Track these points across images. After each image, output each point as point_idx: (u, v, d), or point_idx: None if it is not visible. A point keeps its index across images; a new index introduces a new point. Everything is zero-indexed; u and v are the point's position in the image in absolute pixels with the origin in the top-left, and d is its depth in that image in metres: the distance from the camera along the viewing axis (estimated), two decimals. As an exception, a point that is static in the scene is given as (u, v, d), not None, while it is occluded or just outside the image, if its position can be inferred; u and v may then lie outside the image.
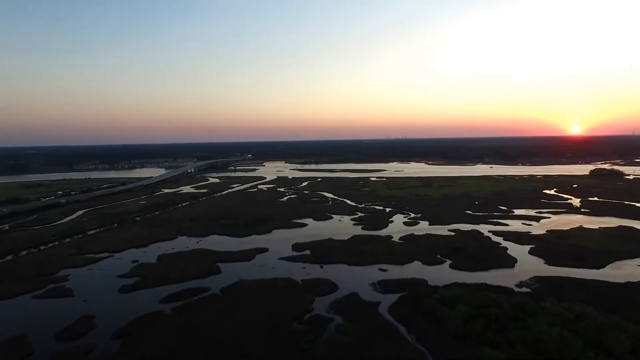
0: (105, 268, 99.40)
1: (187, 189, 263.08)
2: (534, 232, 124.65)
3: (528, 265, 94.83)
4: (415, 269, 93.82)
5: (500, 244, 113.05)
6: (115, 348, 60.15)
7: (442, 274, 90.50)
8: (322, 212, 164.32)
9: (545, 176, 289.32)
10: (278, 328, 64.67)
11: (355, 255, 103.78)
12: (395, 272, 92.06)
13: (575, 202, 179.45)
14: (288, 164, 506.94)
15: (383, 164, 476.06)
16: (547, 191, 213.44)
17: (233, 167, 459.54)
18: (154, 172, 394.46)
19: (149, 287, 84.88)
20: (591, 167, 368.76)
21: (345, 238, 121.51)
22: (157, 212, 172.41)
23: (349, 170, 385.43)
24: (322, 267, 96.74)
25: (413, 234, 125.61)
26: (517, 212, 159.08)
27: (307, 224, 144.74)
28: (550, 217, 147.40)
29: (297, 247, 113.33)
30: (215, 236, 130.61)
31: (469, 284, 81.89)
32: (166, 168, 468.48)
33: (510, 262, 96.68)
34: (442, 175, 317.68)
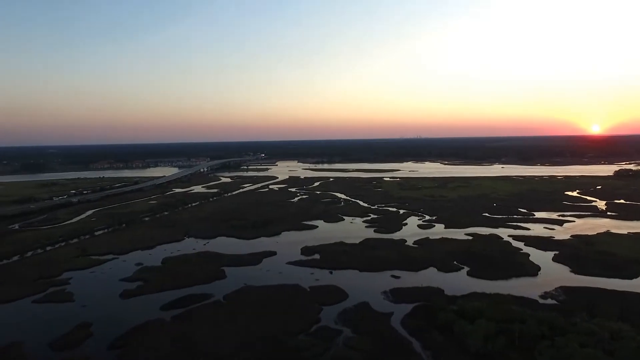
0: (109, 271, 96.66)
1: (198, 188, 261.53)
2: (558, 237, 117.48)
3: (553, 273, 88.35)
4: (430, 276, 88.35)
5: (522, 249, 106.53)
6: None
7: (460, 282, 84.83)
8: (334, 214, 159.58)
9: (566, 177, 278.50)
10: (282, 342, 60.24)
11: (367, 260, 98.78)
12: (409, 279, 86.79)
13: (601, 204, 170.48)
14: (300, 164, 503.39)
15: (397, 163, 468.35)
16: (569, 193, 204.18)
17: (245, 167, 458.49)
18: (167, 172, 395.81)
19: (150, 293, 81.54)
20: (615, 167, 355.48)
21: (357, 242, 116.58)
22: (166, 213, 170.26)
23: (362, 170, 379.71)
24: (331, 272, 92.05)
25: (428, 237, 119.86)
26: (538, 215, 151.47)
27: (317, 226, 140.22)
28: (574, 221, 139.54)
29: (306, 250, 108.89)
30: (223, 238, 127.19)
31: (489, 294, 76.12)
32: (179, 167, 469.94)
33: (533, 270, 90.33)
34: (458, 175, 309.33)
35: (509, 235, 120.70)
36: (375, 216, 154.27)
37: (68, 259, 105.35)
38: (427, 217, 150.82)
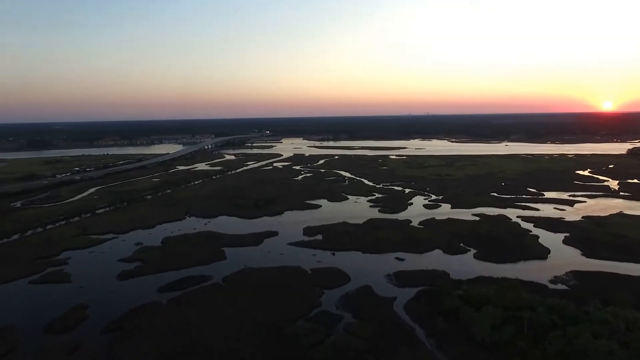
0: (108, 251, 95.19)
1: (201, 166, 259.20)
2: (568, 218, 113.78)
3: (563, 257, 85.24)
4: (435, 259, 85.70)
5: (531, 231, 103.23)
6: (102, 346, 55.07)
7: (466, 265, 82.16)
8: (338, 193, 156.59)
9: (577, 155, 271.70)
10: (281, 327, 58.28)
11: (371, 241, 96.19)
12: (414, 261, 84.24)
13: (613, 184, 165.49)
14: (306, 141, 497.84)
15: (404, 141, 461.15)
16: (580, 172, 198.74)
17: (250, 144, 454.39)
18: (171, 149, 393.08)
19: (148, 274, 79.94)
20: (628, 145, 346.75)
21: (361, 222, 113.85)
22: (168, 191, 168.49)
23: (368, 148, 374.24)
24: (334, 254, 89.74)
25: (434, 218, 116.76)
26: (548, 195, 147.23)
27: (320, 206, 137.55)
28: (585, 202, 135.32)
29: (308, 231, 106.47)
30: (225, 217, 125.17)
31: (496, 278, 73.43)
32: (184, 144, 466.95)
33: (543, 252, 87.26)
34: (465, 153, 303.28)
35: (517, 216, 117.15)
36: (380, 195, 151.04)
37: (68, 238, 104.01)
38: (433, 197, 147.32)
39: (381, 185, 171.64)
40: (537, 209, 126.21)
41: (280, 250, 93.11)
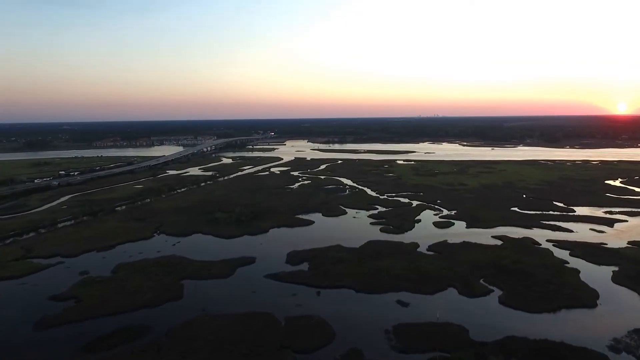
0: (43, 282, 77.31)
1: (194, 170, 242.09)
2: (612, 244, 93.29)
3: (618, 304, 65.16)
4: (449, 304, 66.23)
5: (567, 262, 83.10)
6: None
7: (489, 315, 62.57)
8: (335, 205, 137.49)
9: (602, 162, 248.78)
10: None
11: (367, 275, 77.06)
12: (421, 307, 64.96)
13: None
14: (310, 143, 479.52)
15: (412, 144, 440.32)
16: (611, 182, 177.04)
17: (251, 146, 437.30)
18: (171, 150, 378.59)
19: (76, 321, 61.76)
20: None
21: (358, 245, 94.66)
22: (147, 200, 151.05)
23: (374, 152, 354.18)
24: (319, 293, 70.79)
25: (446, 241, 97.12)
26: (579, 210, 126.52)
27: (313, 222, 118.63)
28: (626, 221, 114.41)
29: (293, 257, 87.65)
30: (199, 236, 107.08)
31: (533, 340, 53.93)
32: (184, 146, 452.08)
33: (590, 296, 67.26)
34: (478, 159, 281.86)
35: (547, 240, 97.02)
36: (384, 209, 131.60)
37: (4, 263, 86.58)
38: (445, 212, 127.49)
39: (385, 197, 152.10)
40: (570, 230, 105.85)
41: (254, 285, 74.42)
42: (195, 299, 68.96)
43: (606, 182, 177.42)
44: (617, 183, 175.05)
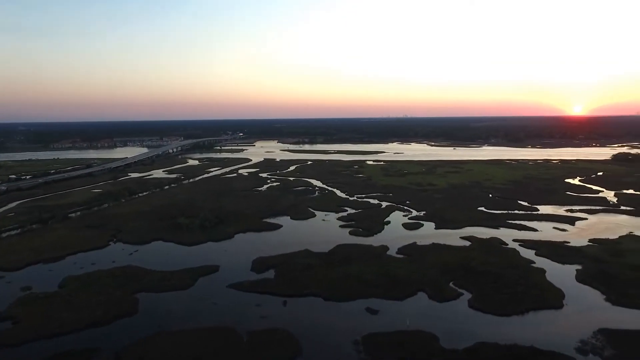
0: (-22, 301, 69.77)
1: (158, 173, 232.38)
2: (574, 243, 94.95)
3: (583, 304, 65.45)
4: (419, 310, 64.50)
5: (534, 262, 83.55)
6: None
7: (460, 319, 61.19)
8: (304, 208, 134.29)
9: (562, 161, 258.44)
10: None
11: (336, 281, 74.32)
12: (390, 314, 62.84)
13: (609, 195, 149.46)
14: (280, 144, 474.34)
15: (382, 144, 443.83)
16: (571, 180, 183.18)
17: (219, 147, 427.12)
18: (135, 152, 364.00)
19: (10, 345, 55.44)
20: (608, 150, 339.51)
21: (327, 249, 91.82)
22: (105, 205, 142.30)
23: (344, 152, 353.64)
24: (285, 303, 67.32)
25: (415, 243, 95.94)
26: (543, 209, 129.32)
27: (281, 226, 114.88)
28: (587, 219, 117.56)
29: (258, 264, 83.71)
30: (159, 243, 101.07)
31: (503, 345, 52.86)
32: (149, 147, 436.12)
33: (556, 297, 67.31)
34: (446, 158, 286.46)
35: (514, 240, 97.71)
36: (353, 211, 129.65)
37: None
38: (414, 213, 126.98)
39: (355, 198, 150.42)
40: (535, 229, 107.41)
41: (216, 296, 70.04)
42: (151, 314, 63.89)
43: (566, 180, 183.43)
44: (576, 181, 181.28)
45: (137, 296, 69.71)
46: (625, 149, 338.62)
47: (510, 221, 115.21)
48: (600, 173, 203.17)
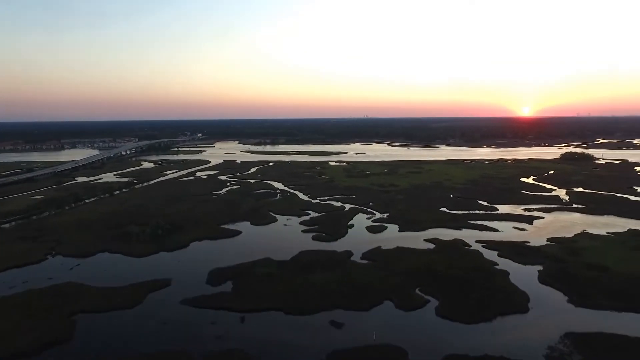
0: None
1: (109, 176, 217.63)
2: (534, 242, 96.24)
3: (547, 306, 65.11)
4: (386, 320, 61.49)
5: (497, 264, 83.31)
6: None
7: (429, 330, 58.74)
8: (265, 212, 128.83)
9: (516, 161, 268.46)
10: None
11: (298, 292, 69.96)
12: (356, 326, 59.32)
13: (561, 194, 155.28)
14: (241, 145, 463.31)
15: (344, 145, 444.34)
16: (525, 179, 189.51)
17: (176, 149, 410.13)
18: (85, 154, 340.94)
19: None
20: (556, 149, 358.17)
21: (288, 257, 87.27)
22: (46, 214, 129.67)
23: (306, 153, 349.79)
24: (243, 319, 62.10)
25: (380, 247, 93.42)
26: (502, 208, 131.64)
27: (240, 232, 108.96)
28: (543, 217, 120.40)
29: (215, 276, 77.75)
30: (105, 255, 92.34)
31: (474, 357, 50.74)
32: (100, 149, 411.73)
33: (521, 300, 66.67)
34: (407, 159, 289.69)
35: (476, 241, 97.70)
36: (316, 214, 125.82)
37: None
38: (378, 215, 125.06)
39: (317, 200, 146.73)
40: (496, 229, 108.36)
41: (167, 314, 63.58)
42: (88, 340, 56.56)
43: (521, 179, 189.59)
44: (530, 180, 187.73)
45: (74, 318, 61.94)
46: (571, 149, 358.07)
47: (471, 222, 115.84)
48: (552, 172, 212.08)
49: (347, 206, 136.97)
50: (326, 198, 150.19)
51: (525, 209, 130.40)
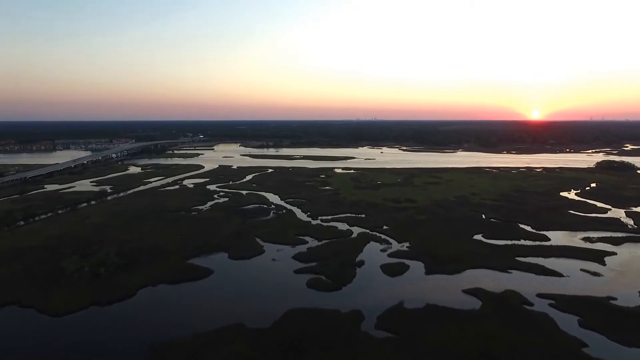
0: None
1: (84, 184, 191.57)
2: (623, 299, 67.26)
3: None
4: None
5: (584, 343, 54.69)
6: None
7: None
8: (250, 239, 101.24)
9: (544, 169, 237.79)
10: None
11: (274, 407, 42.03)
12: None
13: (620, 215, 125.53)
14: (242, 148, 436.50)
15: (352, 149, 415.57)
16: (566, 194, 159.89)
17: (172, 151, 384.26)
18: (75, 156, 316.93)
19: None
20: (584, 156, 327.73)
21: (270, 322, 59.61)
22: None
23: (310, 158, 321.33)
24: None
25: (402, 304, 65.44)
26: (554, 237, 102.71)
27: (212, 271, 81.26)
28: (615, 253, 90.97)
29: (154, 357, 50.21)
30: (12, 311, 65.28)
31: None
32: (93, 150, 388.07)
33: None
34: (422, 166, 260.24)
35: (538, 295, 69.25)
36: (315, 244, 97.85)
37: None
38: (395, 245, 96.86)
39: (318, 221, 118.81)
40: (559, 273, 79.34)
41: None
42: None
43: (561, 194, 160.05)
44: (573, 195, 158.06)
45: None
46: (601, 155, 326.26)
47: (520, 258, 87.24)
48: (594, 184, 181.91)
49: (355, 231, 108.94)
50: (329, 218, 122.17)
51: (584, 239, 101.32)
